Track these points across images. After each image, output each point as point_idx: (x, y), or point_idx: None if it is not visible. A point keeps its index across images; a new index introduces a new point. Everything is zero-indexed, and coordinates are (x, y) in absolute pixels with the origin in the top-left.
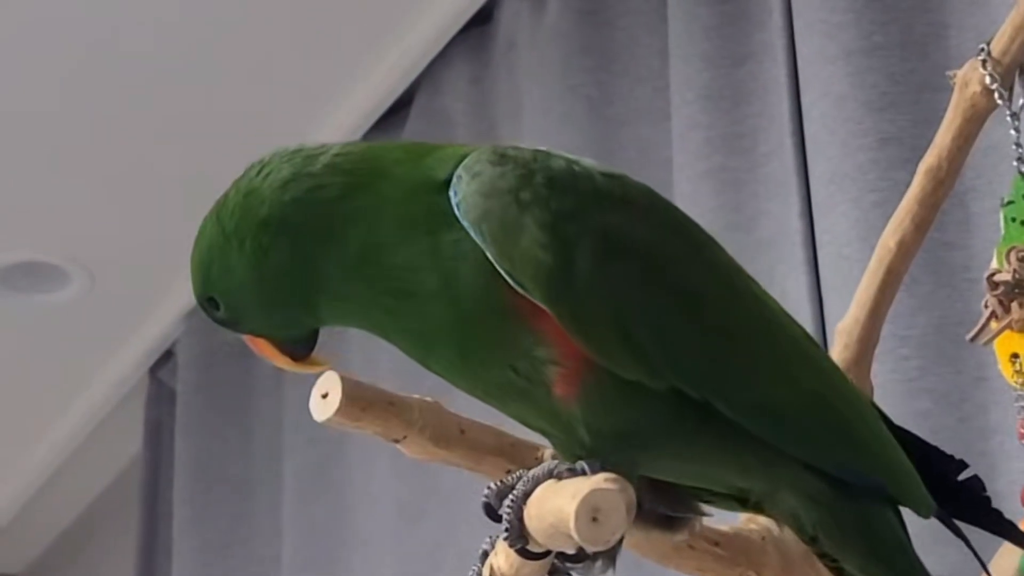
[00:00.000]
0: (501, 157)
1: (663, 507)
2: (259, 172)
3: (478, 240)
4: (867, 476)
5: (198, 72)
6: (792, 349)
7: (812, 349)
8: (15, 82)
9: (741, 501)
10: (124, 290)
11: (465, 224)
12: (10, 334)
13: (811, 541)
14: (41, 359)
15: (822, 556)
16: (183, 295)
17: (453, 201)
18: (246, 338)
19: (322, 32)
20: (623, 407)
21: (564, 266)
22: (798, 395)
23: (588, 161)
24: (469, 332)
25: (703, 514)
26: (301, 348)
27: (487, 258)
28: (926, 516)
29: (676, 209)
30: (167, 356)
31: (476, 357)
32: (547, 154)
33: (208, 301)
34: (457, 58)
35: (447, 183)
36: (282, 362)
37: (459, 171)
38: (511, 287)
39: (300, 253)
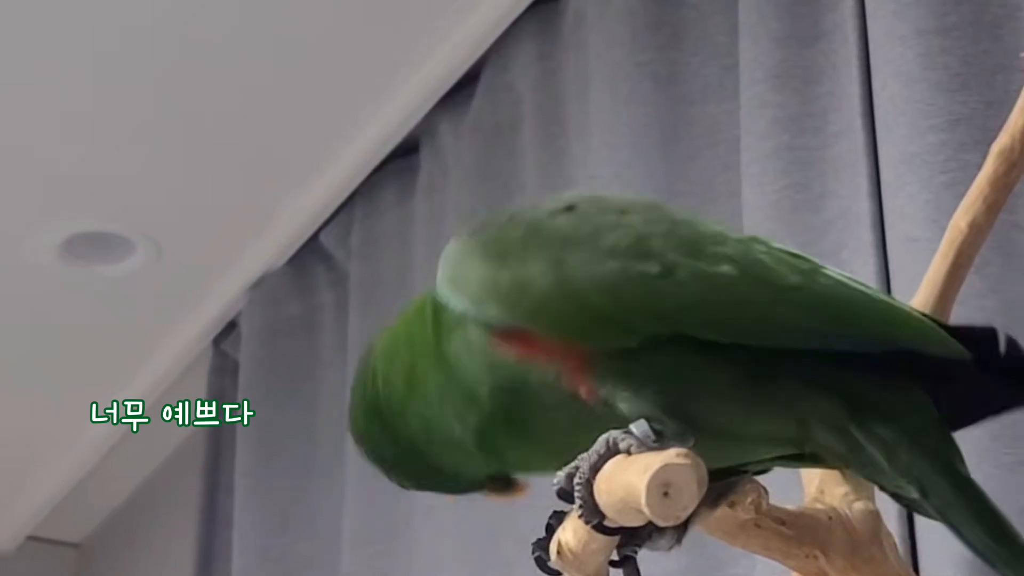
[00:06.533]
0: (460, 234)
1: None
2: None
3: (454, 301)
4: (880, 340)
5: (265, 48)
6: (736, 252)
7: (759, 248)
8: (85, 57)
9: (798, 458)
10: (189, 261)
11: (443, 297)
12: (75, 304)
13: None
14: (105, 329)
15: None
16: (248, 267)
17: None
18: None
19: (389, 7)
20: (635, 378)
21: (518, 282)
22: (754, 286)
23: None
24: (500, 403)
25: (745, 472)
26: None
27: (480, 329)
28: (954, 358)
29: (628, 197)
30: (231, 327)
31: (520, 423)
32: (501, 213)
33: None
34: (525, 34)
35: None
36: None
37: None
38: (500, 334)
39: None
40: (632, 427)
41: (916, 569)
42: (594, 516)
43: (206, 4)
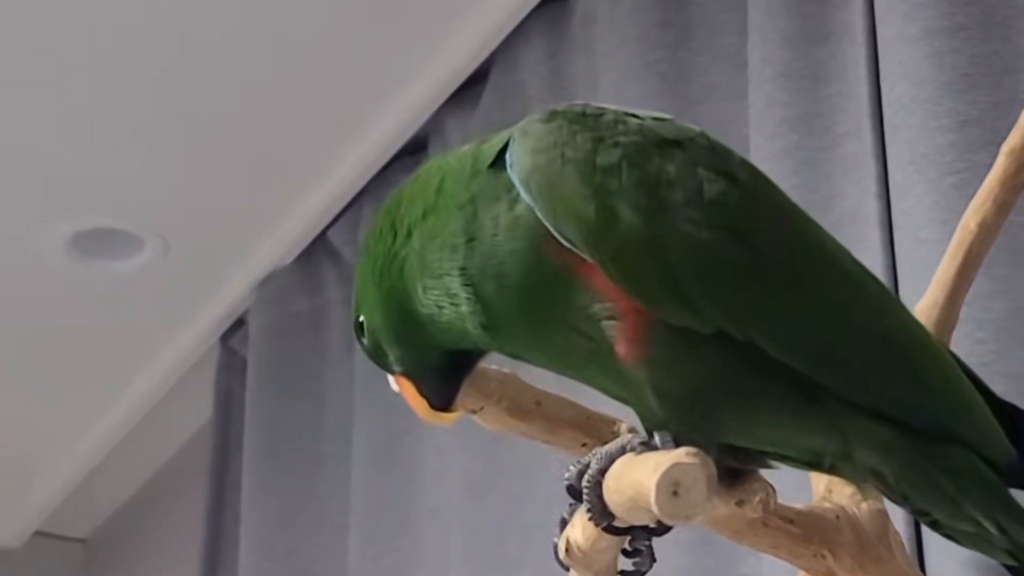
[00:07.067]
0: (551, 114)
1: (730, 460)
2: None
3: (526, 196)
4: (937, 421)
5: (273, 47)
6: (848, 287)
7: (874, 289)
8: (94, 55)
9: (815, 466)
10: (197, 258)
11: (516, 182)
12: (83, 300)
13: (902, 499)
14: (113, 325)
15: (917, 513)
16: (256, 264)
17: (508, 162)
18: (398, 382)
19: (398, 5)
20: (686, 364)
21: (605, 215)
22: (852, 333)
23: (642, 113)
24: (527, 298)
25: (770, 466)
26: (442, 394)
27: (538, 219)
28: (1003, 462)
29: (729, 151)
30: (238, 324)
31: (538, 323)
32: (598, 108)
33: (359, 327)
34: (534, 32)
35: (503, 152)
36: (421, 410)
37: (514, 133)
38: (562, 244)
39: (400, 280)
40: (656, 439)
41: (923, 568)
42: (603, 519)
43: (213, 1)
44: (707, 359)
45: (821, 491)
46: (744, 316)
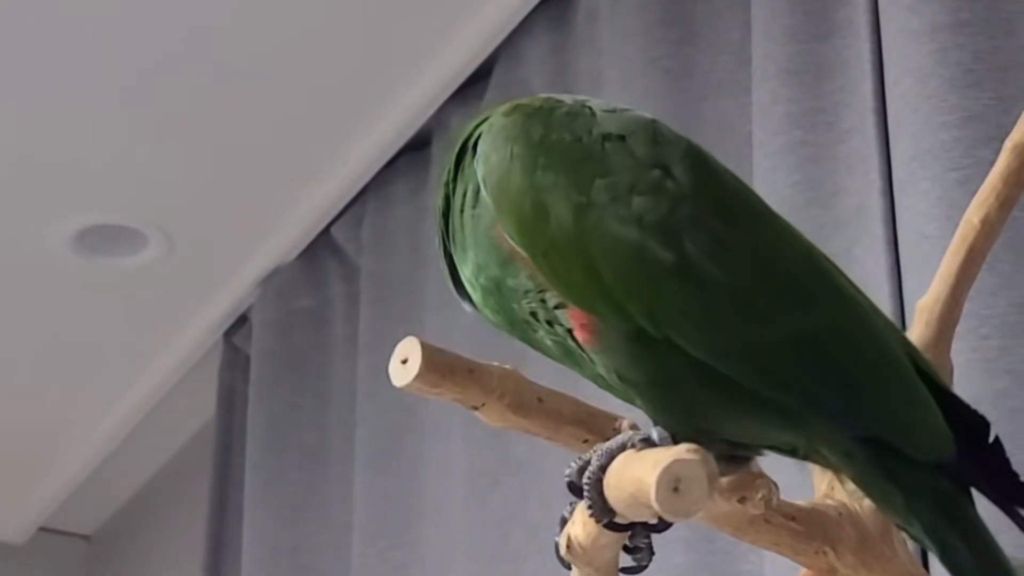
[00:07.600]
0: (512, 108)
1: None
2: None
3: (483, 190)
4: (877, 426)
5: (279, 42)
6: (784, 291)
7: (822, 293)
8: (104, 51)
9: (791, 452)
10: (201, 254)
11: (478, 174)
12: (87, 297)
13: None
14: (117, 322)
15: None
16: (259, 260)
17: (477, 154)
18: None
19: (401, 2)
20: (639, 357)
21: (539, 212)
22: (782, 338)
23: (598, 103)
24: (498, 285)
25: (760, 454)
26: None
27: (486, 206)
28: (946, 460)
29: (673, 143)
30: (242, 321)
31: (511, 310)
32: (557, 100)
33: None
34: (538, 28)
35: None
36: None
37: (483, 127)
38: (503, 236)
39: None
40: (653, 433)
41: (925, 565)
42: (604, 515)
43: (215, 1)
44: (656, 353)
45: (823, 488)
46: (661, 315)
